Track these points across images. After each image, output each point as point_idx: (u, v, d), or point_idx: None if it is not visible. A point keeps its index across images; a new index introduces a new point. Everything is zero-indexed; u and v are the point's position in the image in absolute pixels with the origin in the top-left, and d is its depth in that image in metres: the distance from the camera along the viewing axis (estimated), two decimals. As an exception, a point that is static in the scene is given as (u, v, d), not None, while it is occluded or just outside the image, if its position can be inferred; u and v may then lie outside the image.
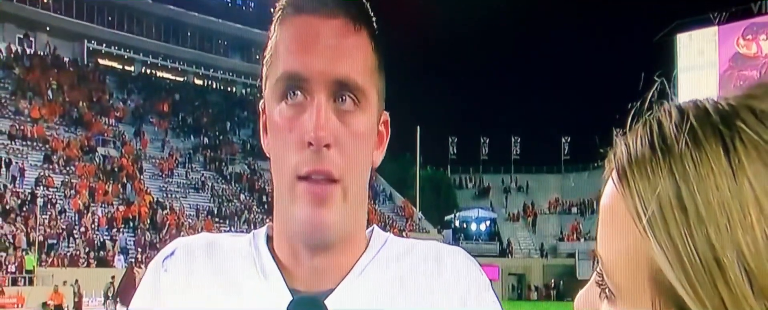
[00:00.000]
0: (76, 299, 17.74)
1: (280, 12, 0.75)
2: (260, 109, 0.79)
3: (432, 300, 0.78)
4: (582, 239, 36.81)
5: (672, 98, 0.40)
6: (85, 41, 39.50)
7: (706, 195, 0.36)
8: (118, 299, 16.46)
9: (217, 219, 30.74)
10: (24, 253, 20.91)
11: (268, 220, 0.81)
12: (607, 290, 0.41)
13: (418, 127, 40.47)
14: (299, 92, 0.71)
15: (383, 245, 0.80)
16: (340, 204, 0.72)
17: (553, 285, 35.52)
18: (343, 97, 0.72)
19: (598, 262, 0.42)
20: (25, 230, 22.38)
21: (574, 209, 41.49)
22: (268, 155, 0.77)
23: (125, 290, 16.21)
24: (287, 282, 0.76)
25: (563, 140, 47.04)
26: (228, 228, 29.72)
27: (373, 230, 0.82)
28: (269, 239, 0.80)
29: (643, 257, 0.38)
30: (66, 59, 37.33)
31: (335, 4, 0.73)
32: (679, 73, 43.31)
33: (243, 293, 0.76)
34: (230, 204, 32.43)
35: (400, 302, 0.77)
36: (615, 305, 0.41)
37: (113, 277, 18.71)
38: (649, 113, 0.40)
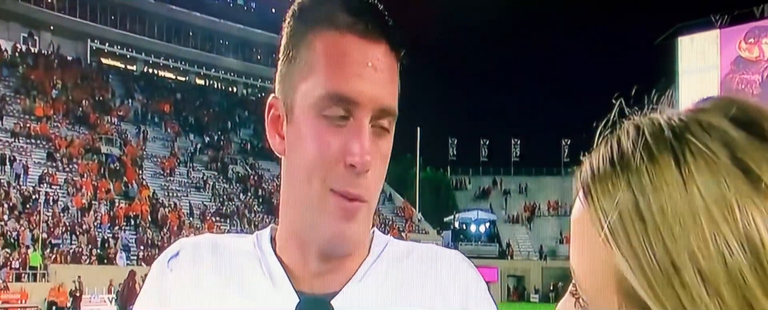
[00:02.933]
0: (78, 294, 17.90)
1: (312, 19, 0.76)
2: (268, 106, 0.80)
3: (431, 302, 0.80)
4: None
5: (635, 113, 0.43)
6: (89, 40, 39.73)
7: (661, 205, 0.38)
8: (119, 304, 16.67)
9: (217, 218, 30.93)
10: (28, 250, 21.10)
11: (273, 222, 0.86)
12: (580, 300, 0.44)
13: (419, 129, 40.62)
14: (343, 113, 0.73)
15: (384, 249, 0.83)
16: (363, 220, 0.76)
17: (551, 288, 35.61)
18: (380, 124, 0.75)
19: (572, 274, 0.45)
20: (28, 227, 22.57)
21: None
22: (279, 155, 0.79)
23: (127, 294, 16.42)
24: (293, 284, 0.78)
25: (563, 142, 47.11)
26: (228, 227, 29.91)
27: (374, 233, 0.84)
28: (272, 241, 0.82)
29: (608, 266, 0.40)
30: (69, 58, 37.55)
31: (380, 29, 0.75)
32: (681, 76, 43.39)
33: (249, 293, 0.78)
34: (231, 203, 32.60)
35: (400, 303, 0.79)
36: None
37: (110, 280, 18.97)
38: (609, 131, 0.43)
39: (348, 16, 0.74)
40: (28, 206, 24.22)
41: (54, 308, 17.65)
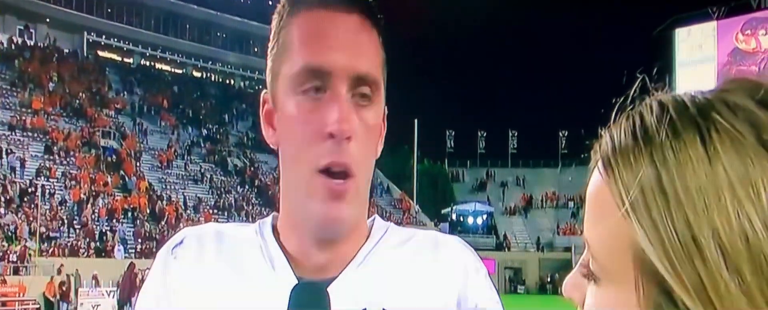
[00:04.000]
0: (64, 289, 17.89)
1: (289, 5, 0.77)
2: (262, 101, 0.81)
3: (430, 286, 0.80)
4: (579, 233, 36.90)
5: (653, 93, 0.43)
6: (85, 33, 39.59)
7: (685, 180, 0.39)
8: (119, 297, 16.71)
9: (215, 211, 30.94)
10: (26, 243, 21.11)
11: (273, 211, 0.86)
12: (593, 273, 0.44)
13: (416, 121, 40.62)
14: (319, 86, 0.73)
15: (384, 235, 0.83)
16: (354, 199, 0.75)
17: (549, 279, 35.72)
18: (360, 92, 0.75)
19: (585, 246, 0.45)
20: (26, 220, 22.56)
21: (571, 203, 41.53)
22: (273, 146, 0.80)
23: (128, 287, 16.46)
24: (294, 271, 0.79)
25: (561, 134, 47.15)
26: (226, 220, 29.92)
27: (374, 219, 0.85)
28: (274, 229, 0.83)
29: (626, 239, 0.41)
30: (66, 51, 37.44)
31: (357, 7, 0.75)
32: (678, 67, 43.39)
33: (252, 280, 0.79)
34: (229, 196, 32.62)
35: (400, 289, 0.79)
36: (600, 286, 0.44)
37: (109, 273, 18.99)
38: (631, 107, 0.43)
39: None
40: (25, 199, 24.20)
41: (53, 300, 17.67)
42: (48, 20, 37.89)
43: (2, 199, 23.41)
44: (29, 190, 24.78)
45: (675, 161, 0.39)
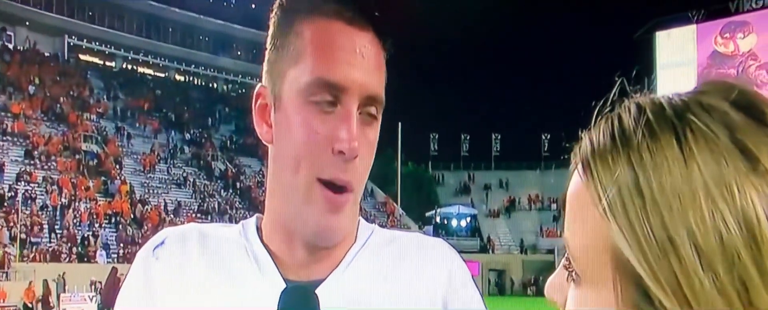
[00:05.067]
0: (44, 294, 17.65)
1: (299, 10, 0.76)
2: (256, 94, 0.80)
3: (416, 286, 0.81)
4: (560, 235, 37.04)
5: (632, 96, 0.44)
6: (66, 36, 39.19)
7: (661, 181, 0.39)
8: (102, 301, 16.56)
9: (198, 215, 30.73)
10: (5, 248, 20.83)
11: (257, 214, 0.86)
12: (573, 273, 0.45)
13: (400, 124, 40.69)
14: (331, 99, 0.73)
15: (370, 236, 0.84)
16: (349, 210, 0.76)
17: (532, 281, 35.89)
18: (368, 110, 0.75)
19: (565, 248, 0.46)
20: (6, 225, 22.28)
21: (554, 206, 41.74)
22: (266, 143, 0.79)
23: (110, 292, 16.31)
24: (280, 272, 0.79)
25: (543, 137, 47.53)
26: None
27: (359, 222, 0.84)
28: (258, 230, 0.82)
29: (604, 239, 0.41)
30: (46, 54, 37.03)
31: (367, 16, 0.75)
32: (659, 70, 43.88)
33: (236, 281, 0.78)
34: (212, 200, 32.43)
35: (386, 289, 0.80)
36: (581, 286, 0.45)
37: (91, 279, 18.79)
38: (610, 110, 0.44)
39: (335, 3, 0.74)
40: (5, 204, 23.89)
41: (33, 306, 17.45)
42: (28, 23, 37.46)
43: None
44: (8, 195, 24.46)
45: (651, 161, 0.40)
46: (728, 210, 0.38)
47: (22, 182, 25.82)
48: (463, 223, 41.40)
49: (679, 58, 44.96)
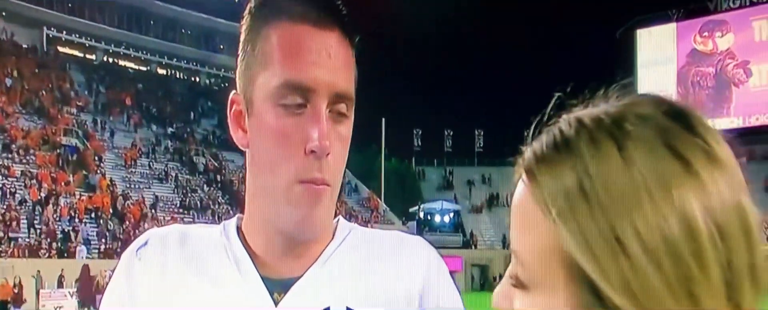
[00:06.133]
0: (16, 291, 17.43)
1: (267, 11, 0.78)
2: (230, 101, 0.82)
3: (392, 282, 0.82)
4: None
5: (570, 110, 0.47)
6: (44, 28, 38.62)
7: (605, 185, 0.42)
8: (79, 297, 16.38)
9: (181, 210, 30.52)
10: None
11: (238, 213, 0.87)
12: (522, 280, 0.46)
13: (383, 119, 40.69)
14: (300, 100, 0.75)
15: (347, 235, 0.85)
16: (327, 204, 0.79)
17: (515, 276, 36.19)
18: (337, 109, 0.77)
19: (512, 256, 0.47)
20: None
21: None
22: (243, 148, 0.81)
23: (83, 288, 16.16)
24: (259, 270, 0.80)
25: (526, 133, 47.77)
26: (192, 220, 29.55)
27: (338, 220, 0.86)
28: (238, 230, 0.84)
29: (553, 244, 0.43)
30: (24, 46, 36.47)
31: (332, 16, 0.77)
32: (640, 68, 44.34)
33: (216, 279, 0.80)
34: (194, 195, 32.22)
35: (363, 287, 0.81)
36: (529, 293, 0.46)
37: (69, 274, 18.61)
38: (549, 123, 0.47)
39: (300, 6, 0.76)
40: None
41: (9, 302, 17.23)
42: (4, 14, 36.84)
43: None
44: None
45: (595, 168, 0.42)
46: (668, 209, 0.41)
47: (0, 177, 25.48)
48: (446, 218, 41.55)
49: (659, 56, 45.49)
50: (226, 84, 44.27)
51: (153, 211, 28.65)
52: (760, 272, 0.43)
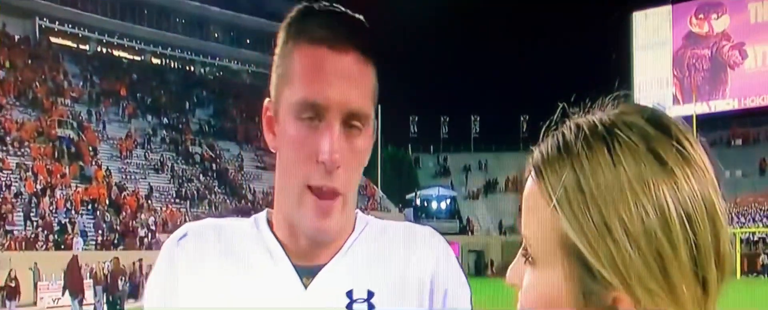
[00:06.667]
0: (13, 285, 17.34)
1: (294, 32, 0.86)
2: (264, 108, 0.91)
3: (407, 270, 0.92)
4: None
5: (571, 116, 0.58)
6: (37, 18, 38.28)
7: (597, 181, 0.52)
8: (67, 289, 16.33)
9: (177, 200, 30.52)
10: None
11: (234, 203, 0.99)
12: (529, 258, 0.57)
13: (380, 106, 40.58)
14: (315, 116, 0.84)
15: (365, 227, 0.95)
16: (339, 213, 0.87)
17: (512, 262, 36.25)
18: (351, 123, 0.85)
19: (523, 239, 0.58)
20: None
21: None
22: (272, 150, 0.91)
23: (71, 279, 16.12)
24: (289, 258, 0.91)
25: (522, 119, 47.77)
26: (188, 209, 29.56)
27: (357, 213, 0.96)
28: (269, 223, 0.93)
29: (554, 228, 0.54)
30: (17, 37, 36.18)
31: (349, 40, 0.85)
32: (636, 51, 44.22)
33: (253, 267, 0.90)
34: (191, 185, 32.20)
35: (381, 273, 0.91)
36: (536, 268, 0.57)
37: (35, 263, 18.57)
38: (554, 128, 0.57)
39: (321, 29, 0.85)
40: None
41: (5, 296, 17.21)
42: (-4, 5, 36.47)
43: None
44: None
45: (589, 167, 0.53)
46: (647, 201, 0.51)
47: (-5, 169, 25.41)
48: (443, 205, 41.72)
49: (655, 39, 45.33)
50: (221, 73, 44.09)
51: (149, 201, 28.61)
52: (725, 255, 0.53)
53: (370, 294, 0.89)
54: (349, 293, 0.89)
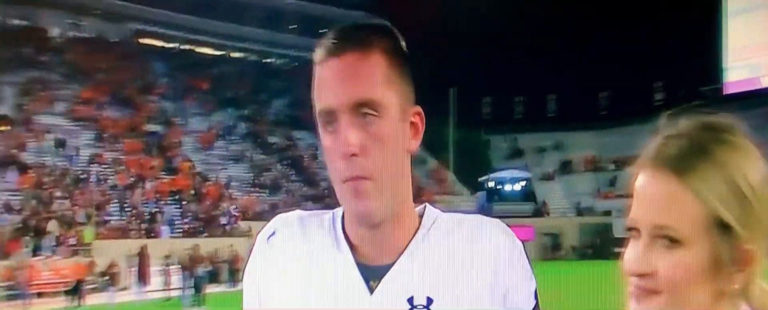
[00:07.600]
0: (114, 271, 18.99)
1: (318, 50, 0.93)
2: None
3: (471, 275, 0.94)
4: (618, 197, 33.57)
5: (694, 113, 0.83)
6: (129, 22, 40.35)
7: (729, 172, 0.76)
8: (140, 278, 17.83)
9: (256, 188, 31.79)
10: (81, 227, 22.58)
11: (308, 189, 1.27)
12: (672, 241, 0.76)
13: (452, 90, 40.28)
14: (331, 121, 0.91)
15: (433, 224, 0.97)
16: (376, 195, 0.91)
17: (589, 244, 34.93)
18: (364, 112, 0.90)
19: (659, 229, 0.77)
20: (82, 205, 23.99)
21: (611, 166, 40.07)
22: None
23: (141, 267, 17.64)
24: (355, 256, 0.95)
25: (600, 96, 46.07)
26: (267, 197, 30.89)
27: (425, 207, 0.99)
28: (342, 219, 0.99)
29: (700, 213, 0.75)
30: (111, 41, 38.21)
31: (348, 40, 0.91)
32: (730, 17, 40.66)
33: (324, 263, 0.96)
34: (268, 174, 33.29)
35: (445, 278, 0.94)
36: (681, 247, 0.76)
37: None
38: (669, 129, 0.82)
39: (332, 43, 0.92)
40: (80, 185, 25.47)
41: (108, 281, 18.90)
42: (96, 12, 38.76)
43: (62, 186, 24.73)
44: (82, 177, 26.08)
45: (728, 162, 0.76)
46: (757, 179, 0.77)
47: (95, 164, 27.45)
48: (517, 187, 40.63)
49: (749, 3, 41.38)
50: (297, 63, 45.09)
51: (229, 191, 29.92)
52: None
53: (429, 301, 0.92)
54: (410, 300, 0.92)
